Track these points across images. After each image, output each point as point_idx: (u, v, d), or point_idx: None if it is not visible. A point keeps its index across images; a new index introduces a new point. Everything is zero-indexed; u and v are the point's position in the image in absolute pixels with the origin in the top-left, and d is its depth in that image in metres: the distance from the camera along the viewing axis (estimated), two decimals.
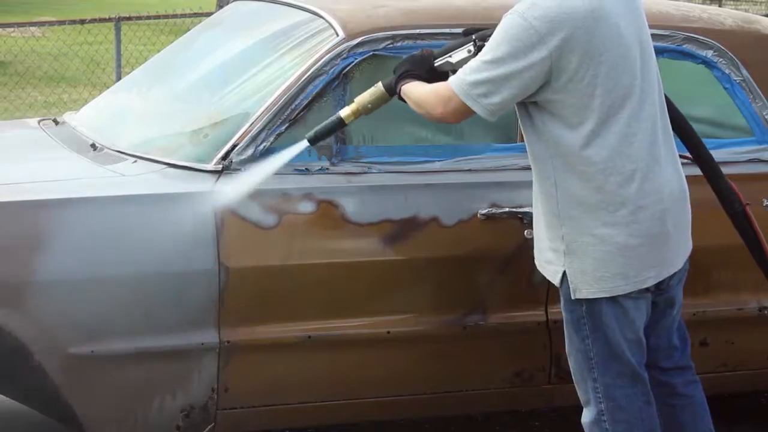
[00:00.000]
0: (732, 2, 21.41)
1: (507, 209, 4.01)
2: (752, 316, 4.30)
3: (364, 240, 3.89)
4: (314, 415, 4.02)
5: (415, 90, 3.59)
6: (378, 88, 3.72)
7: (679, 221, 3.52)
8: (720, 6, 18.26)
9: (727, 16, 4.49)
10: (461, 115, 3.47)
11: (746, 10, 17.24)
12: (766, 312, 4.31)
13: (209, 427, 3.87)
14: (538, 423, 4.85)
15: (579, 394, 3.62)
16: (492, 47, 3.38)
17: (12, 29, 14.23)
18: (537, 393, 4.18)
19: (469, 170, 4.05)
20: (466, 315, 4.01)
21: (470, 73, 3.39)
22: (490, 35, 3.48)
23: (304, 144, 3.78)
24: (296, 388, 3.93)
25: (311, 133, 3.78)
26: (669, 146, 3.51)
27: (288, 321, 3.85)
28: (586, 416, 3.60)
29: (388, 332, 3.96)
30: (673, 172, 3.49)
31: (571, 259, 3.46)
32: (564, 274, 3.50)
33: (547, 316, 4.07)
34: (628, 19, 3.42)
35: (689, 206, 3.57)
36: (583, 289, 3.46)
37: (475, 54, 3.52)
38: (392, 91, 3.68)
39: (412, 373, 4.03)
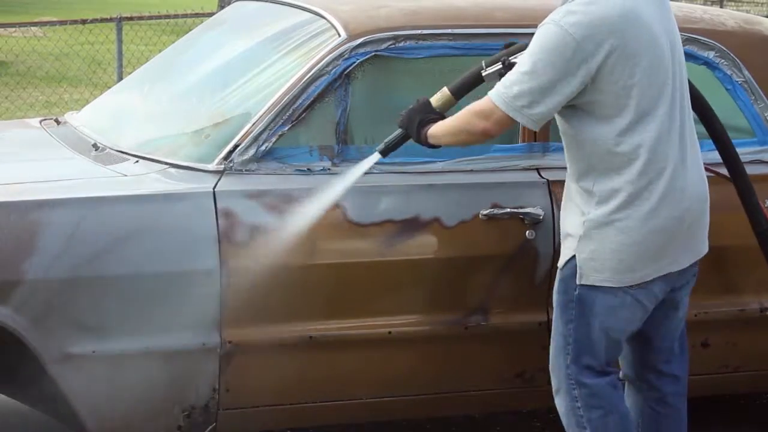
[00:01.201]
0: (733, 3, 21.41)
1: (508, 210, 4.01)
2: (754, 317, 4.29)
3: (366, 240, 3.89)
4: (315, 415, 4.02)
5: (444, 125, 3.63)
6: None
7: (697, 223, 3.57)
8: (721, 7, 18.26)
9: (729, 17, 4.49)
10: (505, 126, 3.51)
11: (748, 11, 17.26)
12: (767, 313, 4.31)
13: (210, 427, 3.87)
14: (539, 423, 4.85)
15: (552, 382, 3.66)
16: (530, 58, 3.41)
17: (13, 29, 14.25)
18: (538, 393, 4.17)
19: (471, 171, 4.05)
20: (468, 315, 4.01)
21: (511, 86, 3.43)
22: (520, 50, 3.53)
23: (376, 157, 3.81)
24: (297, 388, 3.93)
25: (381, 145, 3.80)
26: (694, 148, 3.57)
27: (289, 321, 3.85)
28: (561, 405, 3.65)
29: (390, 333, 3.96)
30: (697, 173, 3.55)
31: (585, 245, 3.49)
32: (572, 258, 3.53)
33: (548, 316, 4.06)
34: (660, 20, 3.48)
35: (708, 212, 3.62)
36: (591, 275, 3.50)
37: (505, 71, 3.54)
38: (419, 142, 3.71)
39: (413, 374, 4.03)
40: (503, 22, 4.15)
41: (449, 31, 4.06)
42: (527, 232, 4.01)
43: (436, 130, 3.65)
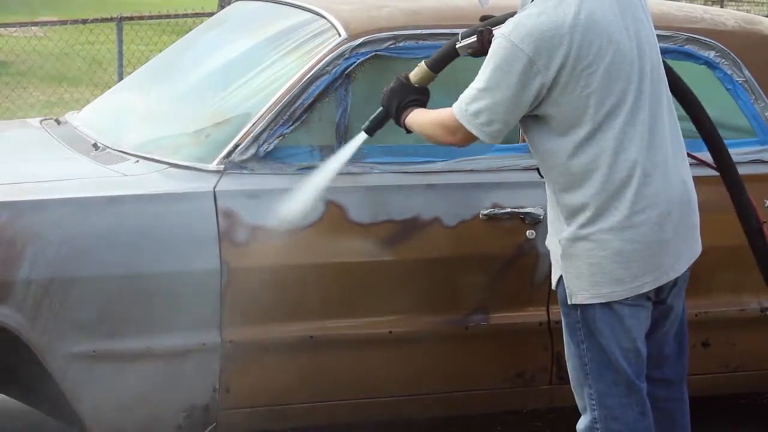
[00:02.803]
0: (734, 3, 21.41)
1: (509, 210, 4.01)
2: (754, 317, 4.30)
3: (366, 240, 3.90)
4: (315, 415, 4.02)
5: (419, 121, 3.62)
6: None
7: (682, 227, 3.46)
8: (722, 7, 18.26)
9: (730, 17, 4.49)
10: (470, 141, 3.49)
11: (748, 11, 17.26)
12: (767, 313, 4.31)
13: (211, 427, 3.87)
14: (540, 423, 4.85)
15: (577, 401, 3.59)
16: (484, 74, 3.38)
17: (14, 29, 14.24)
18: (538, 393, 4.18)
19: (471, 171, 4.05)
20: (468, 315, 4.02)
21: (470, 102, 3.40)
22: (498, 23, 3.48)
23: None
24: (298, 388, 3.93)
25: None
26: (675, 150, 3.46)
27: (290, 321, 3.85)
28: (581, 423, 3.56)
29: (390, 332, 3.96)
30: (676, 176, 3.44)
31: (568, 264, 3.43)
32: (560, 278, 3.47)
33: (548, 316, 4.07)
34: (621, 18, 3.37)
35: (696, 212, 3.52)
36: (578, 294, 3.43)
37: (479, 41, 3.52)
38: (398, 125, 3.70)
39: (413, 374, 4.03)
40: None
41: (449, 31, 4.05)
42: (528, 231, 4.01)
43: (413, 122, 3.64)
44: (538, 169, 4.04)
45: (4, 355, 3.76)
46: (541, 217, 4.00)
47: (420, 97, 3.68)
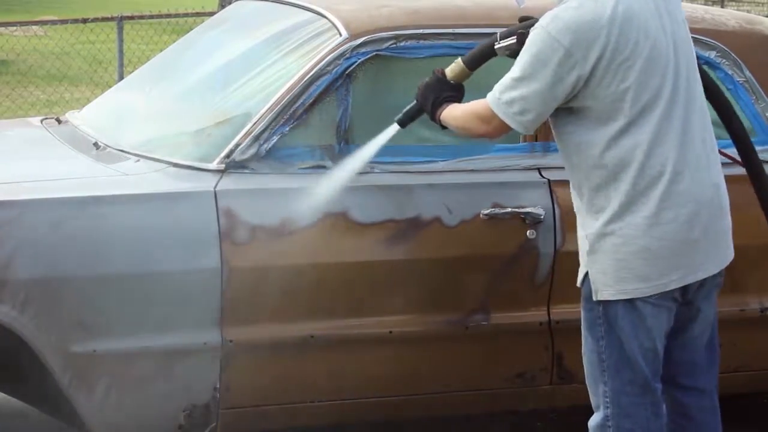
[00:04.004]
0: (734, 3, 21.41)
1: (509, 209, 4.01)
2: (754, 317, 4.29)
3: (367, 240, 3.90)
4: (316, 415, 4.02)
5: (453, 114, 3.61)
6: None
7: (712, 229, 3.43)
8: (722, 7, 18.26)
9: (730, 17, 4.49)
10: (503, 131, 3.48)
11: (749, 11, 17.25)
12: (767, 313, 4.31)
13: (211, 426, 3.88)
14: (540, 423, 4.85)
15: (590, 398, 3.56)
16: (520, 64, 3.37)
17: (14, 28, 14.26)
18: (539, 393, 4.18)
19: (472, 170, 4.05)
20: (469, 315, 4.02)
21: (504, 91, 3.40)
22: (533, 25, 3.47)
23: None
24: (298, 387, 3.93)
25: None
26: (706, 151, 3.44)
27: (290, 320, 3.85)
28: (593, 420, 3.55)
29: (391, 332, 3.96)
30: (707, 178, 3.42)
31: (594, 259, 3.42)
32: (586, 274, 3.46)
33: (549, 316, 4.07)
34: (658, 16, 3.38)
35: (727, 216, 3.49)
36: (604, 290, 3.42)
37: (518, 42, 3.51)
38: (433, 120, 3.69)
39: (414, 373, 4.03)
40: (505, 21, 4.14)
41: (450, 30, 4.06)
42: (528, 231, 4.01)
43: (447, 116, 3.63)
44: (539, 169, 4.05)
45: (6, 354, 3.76)
46: (542, 217, 4.00)
47: (455, 93, 3.67)
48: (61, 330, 3.65)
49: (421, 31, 4.04)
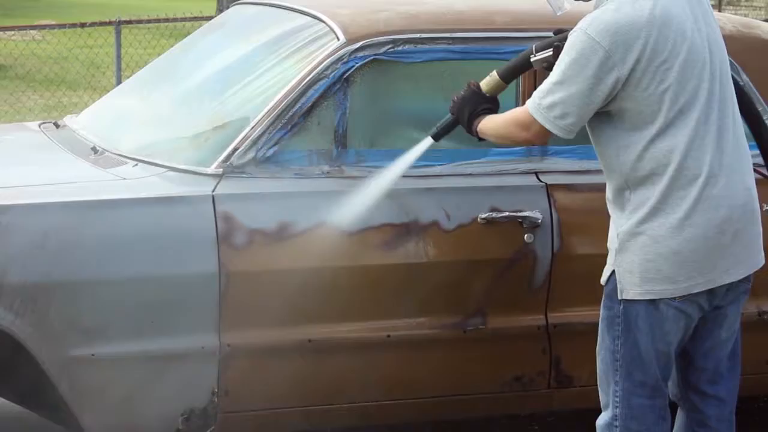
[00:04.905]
0: (732, 7, 21.43)
1: (507, 213, 4.01)
2: (752, 321, 4.29)
3: (365, 244, 3.90)
4: (314, 419, 4.02)
5: (491, 124, 3.61)
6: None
7: (742, 233, 3.43)
8: (720, 11, 18.27)
9: (727, 21, 4.49)
10: (545, 137, 3.47)
11: (746, 15, 17.27)
12: (765, 317, 4.32)
13: (209, 430, 3.88)
14: (537, 427, 4.86)
15: (600, 397, 3.56)
16: (560, 67, 3.37)
17: (12, 33, 14.24)
18: (536, 397, 4.18)
19: (470, 174, 4.05)
20: (467, 319, 4.02)
21: (544, 96, 3.39)
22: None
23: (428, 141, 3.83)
24: (296, 391, 3.93)
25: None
26: (739, 155, 3.45)
27: (288, 324, 3.86)
28: (601, 419, 3.55)
29: (388, 336, 3.96)
30: (739, 180, 3.43)
31: (622, 258, 3.42)
32: (612, 272, 3.46)
33: (547, 320, 4.07)
34: (694, 19, 3.39)
35: (758, 221, 3.49)
36: (630, 289, 3.41)
37: (554, 55, 3.51)
38: (470, 133, 3.69)
39: (412, 377, 4.03)
40: (502, 26, 4.16)
41: (448, 35, 4.06)
42: (526, 235, 4.02)
43: (485, 127, 3.63)
44: (536, 173, 4.05)
45: (3, 359, 3.76)
46: (539, 221, 4.01)
47: (491, 106, 3.68)
48: (59, 334, 3.66)
49: (418, 35, 4.04)
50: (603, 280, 3.51)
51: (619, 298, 3.43)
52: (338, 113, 3.95)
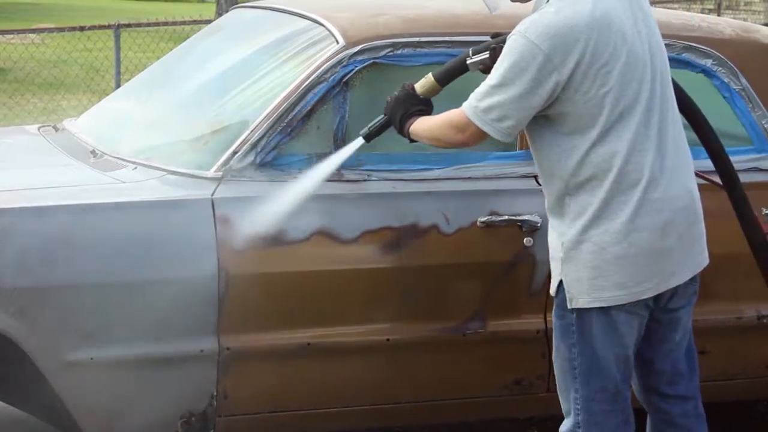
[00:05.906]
0: (731, 11, 21.45)
1: (506, 217, 4.01)
2: (751, 324, 4.30)
3: (364, 247, 3.90)
4: (313, 422, 4.02)
5: (424, 126, 3.60)
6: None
7: (686, 235, 3.44)
8: (719, 15, 18.29)
9: (727, 25, 4.50)
10: (480, 139, 3.45)
11: (745, 19, 17.28)
12: (764, 320, 4.32)
13: None
14: (536, 430, 4.86)
15: (561, 404, 3.58)
16: (498, 71, 3.35)
17: (11, 36, 14.26)
18: (536, 401, 4.18)
19: (469, 178, 4.05)
20: (466, 322, 4.02)
21: (481, 99, 3.37)
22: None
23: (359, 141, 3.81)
24: (295, 395, 3.93)
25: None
26: (681, 158, 3.44)
27: (287, 328, 3.86)
28: (564, 426, 3.56)
29: (388, 339, 3.96)
30: (681, 185, 3.42)
31: (569, 267, 3.41)
32: (560, 282, 3.46)
33: (546, 324, 4.07)
34: (634, 22, 3.37)
35: (701, 221, 3.49)
36: (579, 298, 3.41)
37: (491, 57, 3.51)
38: (401, 134, 3.68)
39: (411, 381, 4.03)
40: (501, 29, 4.15)
41: (447, 38, 4.07)
42: (525, 239, 4.02)
43: (417, 128, 3.61)
44: (536, 177, 4.05)
45: (2, 363, 3.76)
46: (539, 224, 4.00)
47: (424, 108, 3.67)
48: (58, 338, 3.65)
49: (417, 39, 4.04)
50: (552, 291, 3.50)
51: (570, 307, 3.43)
52: (337, 117, 3.95)
